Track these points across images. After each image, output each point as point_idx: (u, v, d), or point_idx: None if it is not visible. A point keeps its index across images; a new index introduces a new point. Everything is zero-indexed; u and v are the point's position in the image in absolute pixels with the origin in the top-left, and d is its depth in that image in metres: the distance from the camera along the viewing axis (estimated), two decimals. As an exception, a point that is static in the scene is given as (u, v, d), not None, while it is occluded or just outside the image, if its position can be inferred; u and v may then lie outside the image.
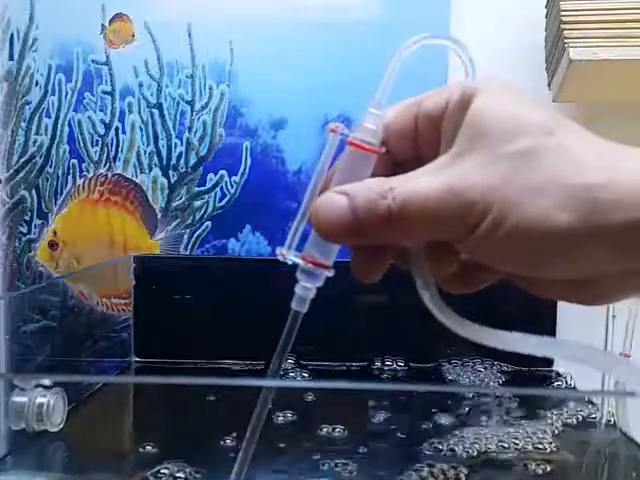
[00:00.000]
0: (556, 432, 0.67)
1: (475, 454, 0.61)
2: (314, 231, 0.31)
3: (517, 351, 0.29)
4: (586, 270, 0.27)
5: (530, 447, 0.63)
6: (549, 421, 0.69)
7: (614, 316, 0.69)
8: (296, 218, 0.33)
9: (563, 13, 0.79)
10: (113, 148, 0.98)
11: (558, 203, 0.26)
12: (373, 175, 0.32)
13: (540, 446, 0.63)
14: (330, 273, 0.33)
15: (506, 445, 0.63)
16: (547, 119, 0.28)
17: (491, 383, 0.84)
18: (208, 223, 0.98)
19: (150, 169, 0.98)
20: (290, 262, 0.33)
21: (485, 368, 0.87)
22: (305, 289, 0.33)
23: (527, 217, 0.27)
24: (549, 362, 0.90)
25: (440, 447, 0.62)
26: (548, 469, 0.59)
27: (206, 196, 0.97)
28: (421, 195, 0.28)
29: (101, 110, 0.97)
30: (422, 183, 0.29)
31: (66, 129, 0.98)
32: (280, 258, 0.33)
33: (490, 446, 0.62)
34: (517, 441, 0.64)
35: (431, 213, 0.28)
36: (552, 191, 0.26)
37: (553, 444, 0.64)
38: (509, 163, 0.27)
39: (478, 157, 0.28)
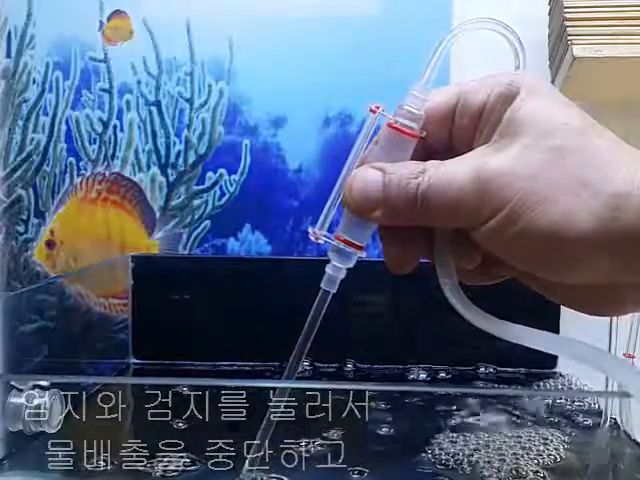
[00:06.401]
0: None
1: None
2: (346, 209, 0.32)
3: (531, 347, 0.29)
4: (595, 276, 0.27)
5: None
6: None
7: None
8: (329, 198, 0.34)
9: (566, 10, 0.78)
10: (111, 146, 0.97)
11: (581, 205, 0.26)
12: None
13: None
14: (362, 254, 0.33)
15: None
16: (583, 121, 0.28)
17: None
18: (207, 222, 0.97)
19: (148, 167, 0.97)
20: (322, 241, 0.33)
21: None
22: (336, 268, 0.34)
23: (547, 214, 0.26)
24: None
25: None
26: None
27: (205, 195, 0.96)
28: (445, 181, 0.29)
29: (99, 108, 0.96)
30: (451, 169, 0.29)
31: (63, 127, 0.97)
32: (312, 238, 0.33)
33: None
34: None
35: (450, 199, 0.29)
36: (577, 191, 0.26)
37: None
38: (539, 158, 0.27)
39: (511, 151, 0.28)
